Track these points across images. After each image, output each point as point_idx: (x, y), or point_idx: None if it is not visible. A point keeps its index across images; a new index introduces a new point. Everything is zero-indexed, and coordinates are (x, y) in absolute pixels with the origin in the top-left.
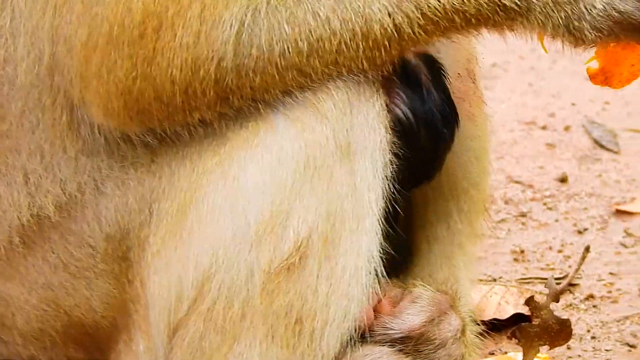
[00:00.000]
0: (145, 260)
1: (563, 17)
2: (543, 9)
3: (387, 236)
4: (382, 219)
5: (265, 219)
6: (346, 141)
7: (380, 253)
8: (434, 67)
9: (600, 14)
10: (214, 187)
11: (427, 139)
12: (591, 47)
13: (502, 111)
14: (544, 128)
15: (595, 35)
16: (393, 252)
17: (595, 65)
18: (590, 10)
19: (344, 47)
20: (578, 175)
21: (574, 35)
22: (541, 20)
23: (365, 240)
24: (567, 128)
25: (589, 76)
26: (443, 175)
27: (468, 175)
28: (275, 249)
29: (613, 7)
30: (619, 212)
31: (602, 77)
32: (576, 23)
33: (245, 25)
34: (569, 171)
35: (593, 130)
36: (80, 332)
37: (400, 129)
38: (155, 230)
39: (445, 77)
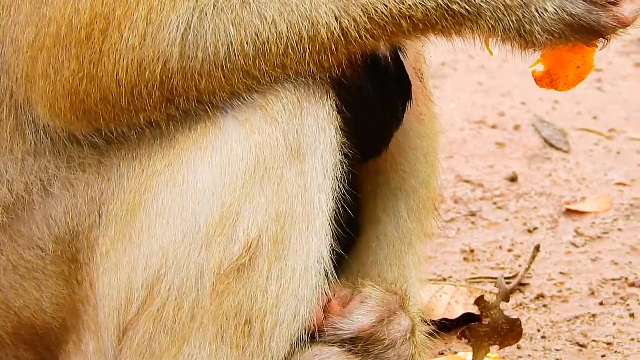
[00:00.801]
0: (94, 262)
1: (514, 20)
2: (493, 13)
3: (336, 236)
4: (332, 220)
5: (215, 220)
6: (296, 142)
7: (329, 253)
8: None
9: (552, 17)
10: (163, 189)
11: (382, 110)
12: (541, 49)
13: (452, 110)
14: (493, 127)
15: (546, 38)
16: (342, 252)
17: (540, 68)
18: (542, 13)
19: (290, 50)
20: (528, 175)
21: (525, 39)
22: (491, 24)
23: (315, 241)
24: (516, 127)
25: (535, 79)
26: (391, 173)
27: (416, 173)
28: (225, 250)
29: (564, 10)
30: (569, 212)
31: (547, 80)
32: (527, 26)
33: (192, 27)
34: (518, 170)
35: (543, 129)
36: (30, 333)
37: (359, 99)
38: (105, 231)
39: (403, 53)
